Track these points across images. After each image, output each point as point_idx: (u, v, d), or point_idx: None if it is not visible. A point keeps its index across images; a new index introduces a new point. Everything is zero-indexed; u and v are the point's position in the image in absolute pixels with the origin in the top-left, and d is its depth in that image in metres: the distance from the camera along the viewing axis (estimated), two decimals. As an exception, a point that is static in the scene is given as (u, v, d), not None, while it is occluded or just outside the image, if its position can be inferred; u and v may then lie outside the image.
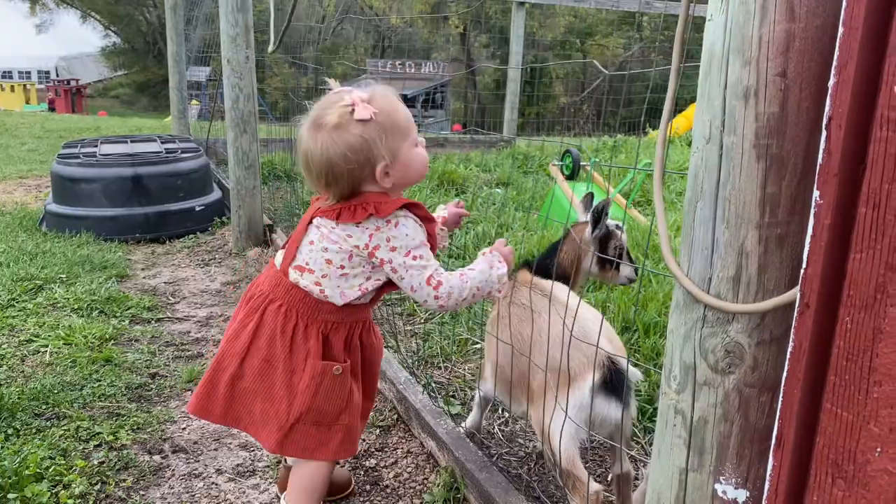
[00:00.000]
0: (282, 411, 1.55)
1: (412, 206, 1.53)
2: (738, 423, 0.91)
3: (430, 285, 1.51)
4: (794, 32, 0.81)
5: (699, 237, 0.91)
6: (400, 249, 1.49)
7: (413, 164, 1.53)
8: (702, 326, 0.92)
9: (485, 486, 1.78)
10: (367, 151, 1.45)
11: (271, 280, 1.60)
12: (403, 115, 1.51)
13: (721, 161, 0.87)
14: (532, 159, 6.45)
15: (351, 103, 1.45)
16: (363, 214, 1.47)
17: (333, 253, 1.52)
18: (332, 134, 1.45)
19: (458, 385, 2.60)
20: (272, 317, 1.56)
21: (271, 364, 1.56)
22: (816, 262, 0.73)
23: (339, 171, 1.46)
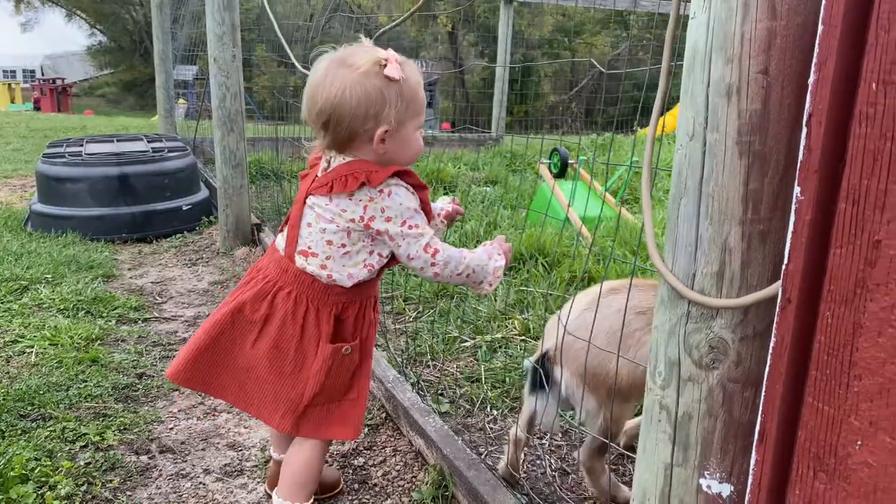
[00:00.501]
0: (295, 396, 1.57)
1: (404, 174, 1.52)
2: (722, 418, 0.92)
3: (427, 252, 1.51)
4: (775, 30, 0.82)
5: (683, 233, 0.92)
6: (395, 219, 1.48)
7: (410, 144, 1.52)
8: (686, 322, 0.92)
9: (473, 483, 1.78)
10: (379, 108, 1.43)
11: (277, 266, 1.60)
12: (422, 95, 1.51)
13: (704, 158, 0.88)
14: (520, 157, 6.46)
15: (386, 58, 1.44)
16: (355, 184, 1.45)
17: (332, 233, 1.51)
18: (356, 76, 1.42)
19: (447, 383, 2.61)
20: (282, 303, 1.57)
21: (281, 349, 1.57)
22: (798, 258, 0.74)
23: (344, 115, 1.44)
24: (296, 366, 1.57)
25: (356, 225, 1.50)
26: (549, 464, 2.18)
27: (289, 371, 1.57)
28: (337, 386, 1.60)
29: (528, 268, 3.52)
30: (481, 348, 2.85)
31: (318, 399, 1.59)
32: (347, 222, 1.50)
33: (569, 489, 2.08)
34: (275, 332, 1.56)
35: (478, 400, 2.50)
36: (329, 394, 1.60)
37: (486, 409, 2.46)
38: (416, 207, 1.51)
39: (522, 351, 2.80)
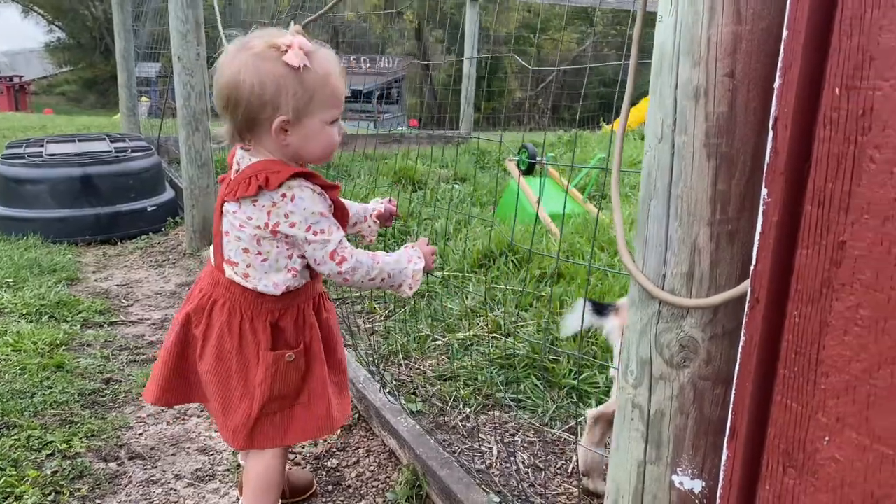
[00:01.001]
0: (243, 409, 1.54)
1: (307, 176, 1.45)
2: (694, 416, 0.93)
3: (333, 260, 1.46)
4: (740, 34, 0.83)
5: (653, 234, 0.93)
6: (299, 224, 1.43)
7: (316, 140, 1.45)
8: (657, 322, 0.93)
9: (446, 482, 1.79)
10: (274, 96, 1.38)
11: (210, 278, 1.57)
12: (334, 88, 1.44)
13: (673, 160, 0.89)
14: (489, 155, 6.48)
15: (288, 44, 1.39)
16: (255, 187, 1.40)
17: (246, 241, 1.47)
18: (252, 60, 1.38)
19: (419, 382, 2.61)
20: (217, 316, 1.54)
21: (224, 362, 1.54)
22: (765, 259, 0.75)
23: (240, 99, 1.39)
24: (240, 378, 1.54)
25: (263, 232, 1.44)
26: (522, 460, 2.20)
27: (234, 384, 1.54)
28: (286, 393, 1.56)
29: (499, 265, 3.53)
30: (453, 346, 2.86)
31: (268, 409, 1.55)
32: (255, 229, 1.45)
33: (542, 485, 2.09)
34: (215, 345, 1.53)
35: (450, 398, 2.51)
36: (279, 402, 1.56)
37: (459, 407, 2.47)
38: (322, 211, 1.44)
39: (493, 348, 2.81)
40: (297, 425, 1.59)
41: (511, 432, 2.36)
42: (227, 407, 1.56)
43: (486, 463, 2.16)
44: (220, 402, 1.56)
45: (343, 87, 1.47)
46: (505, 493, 1.95)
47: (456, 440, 2.24)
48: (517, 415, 2.45)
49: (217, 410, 1.58)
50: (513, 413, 2.45)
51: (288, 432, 1.59)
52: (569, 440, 2.32)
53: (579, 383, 2.54)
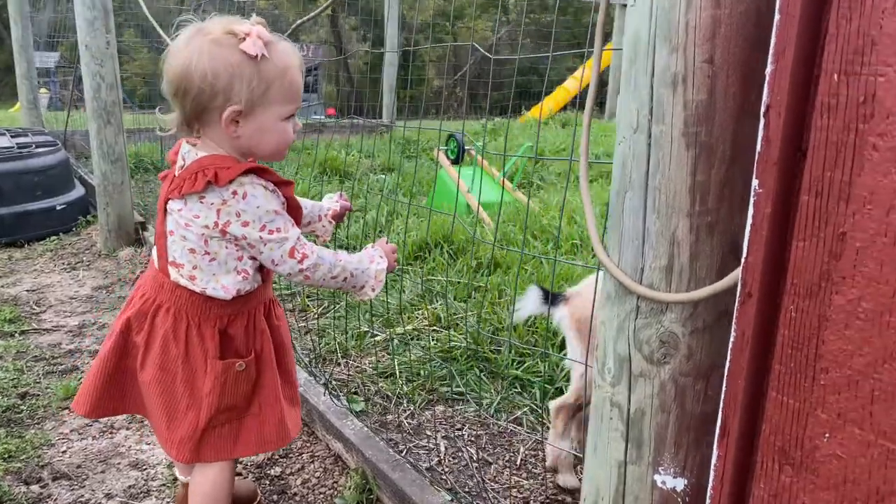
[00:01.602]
0: (190, 420, 1.45)
1: (260, 172, 1.37)
2: (675, 413, 0.91)
3: (294, 258, 1.39)
4: (719, 18, 0.80)
5: (629, 228, 0.89)
6: (253, 224, 1.34)
7: (270, 134, 1.38)
8: (635, 318, 0.90)
9: (399, 485, 1.73)
10: (227, 85, 1.30)
11: (153, 282, 1.46)
12: (291, 82, 1.36)
13: (650, 150, 0.86)
14: (414, 144, 6.41)
15: (247, 32, 1.31)
16: (202, 183, 1.31)
17: (192, 241, 1.38)
18: (207, 45, 1.30)
19: (359, 381, 2.54)
20: (161, 322, 1.44)
21: (168, 371, 1.44)
22: (758, 252, 0.72)
23: (191, 85, 1.31)
24: (186, 388, 1.44)
25: (212, 231, 1.35)
26: (470, 455, 2.17)
27: (180, 394, 1.45)
28: (236, 404, 1.47)
29: (434, 256, 3.48)
30: (393, 342, 2.80)
31: (215, 421, 1.46)
32: (202, 229, 1.35)
33: (492, 479, 2.07)
34: (158, 354, 1.43)
35: (394, 396, 2.45)
36: (228, 413, 1.47)
37: (403, 403, 2.42)
38: (276, 209, 1.36)
39: (434, 341, 2.77)
40: (248, 437, 1.50)
41: (457, 427, 2.32)
42: (172, 418, 1.45)
43: (434, 460, 2.12)
44: (164, 413, 1.46)
45: (301, 82, 1.39)
46: (457, 491, 1.91)
47: (402, 438, 2.18)
48: (462, 408, 2.41)
49: (160, 422, 1.47)
50: (457, 407, 2.42)
51: (237, 444, 1.50)
52: (515, 431, 2.30)
53: (522, 373, 2.52)
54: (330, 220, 1.76)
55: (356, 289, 1.52)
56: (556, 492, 2.02)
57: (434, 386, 2.51)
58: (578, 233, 3.61)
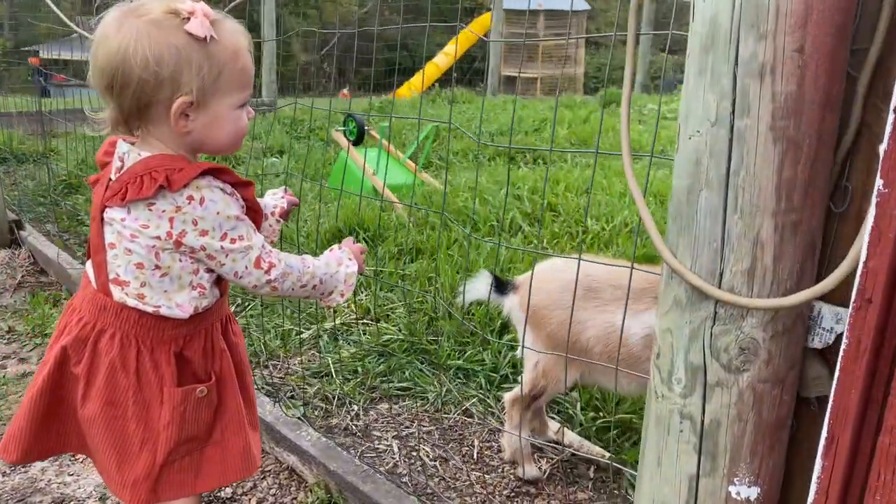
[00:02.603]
0: (145, 458, 1.26)
1: (217, 172, 1.20)
2: (753, 421, 0.86)
3: (260, 268, 1.24)
4: (811, 4, 0.75)
5: (705, 229, 0.83)
6: (213, 232, 1.18)
7: (224, 126, 1.22)
8: (712, 325, 0.85)
9: (373, 497, 1.63)
10: (175, 72, 1.13)
11: (92, 303, 1.26)
12: (244, 65, 1.21)
13: (732, 146, 0.80)
14: (301, 124, 6.15)
15: (190, 11, 1.13)
16: (152, 187, 1.13)
17: (139, 255, 1.19)
18: (146, 28, 1.12)
19: (294, 384, 2.38)
20: (106, 350, 1.24)
21: (117, 405, 1.25)
22: (883, 255, 0.68)
23: (130, 77, 1.12)
24: (139, 422, 1.26)
25: (164, 243, 1.18)
26: (426, 453, 2.09)
27: (132, 431, 1.26)
28: (196, 434, 1.31)
29: (350, 244, 3.34)
30: (322, 338, 2.65)
31: (174, 455, 1.29)
32: (152, 240, 1.18)
33: (452, 477, 2.00)
34: (103, 387, 1.24)
35: (334, 397, 2.32)
36: (188, 445, 1.30)
37: (346, 405, 2.29)
38: (237, 214, 1.21)
39: (366, 335, 2.65)
40: (210, 469, 1.33)
41: (406, 424, 2.23)
42: (124, 459, 1.27)
43: (389, 463, 2.02)
44: (114, 453, 1.26)
45: (251, 67, 1.23)
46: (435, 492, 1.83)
47: (352, 443, 2.07)
48: (408, 404, 2.32)
49: (108, 464, 1.28)
50: (403, 403, 2.32)
51: (199, 478, 1.33)
52: (467, 423, 2.24)
53: (464, 362, 2.46)
54: (277, 218, 1.59)
55: (324, 296, 1.38)
56: (519, 484, 1.98)
57: (374, 383, 2.40)
58: (494, 214, 3.57)
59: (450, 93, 8.54)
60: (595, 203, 3.77)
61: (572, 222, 3.46)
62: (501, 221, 3.43)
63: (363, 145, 4.32)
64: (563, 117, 6.97)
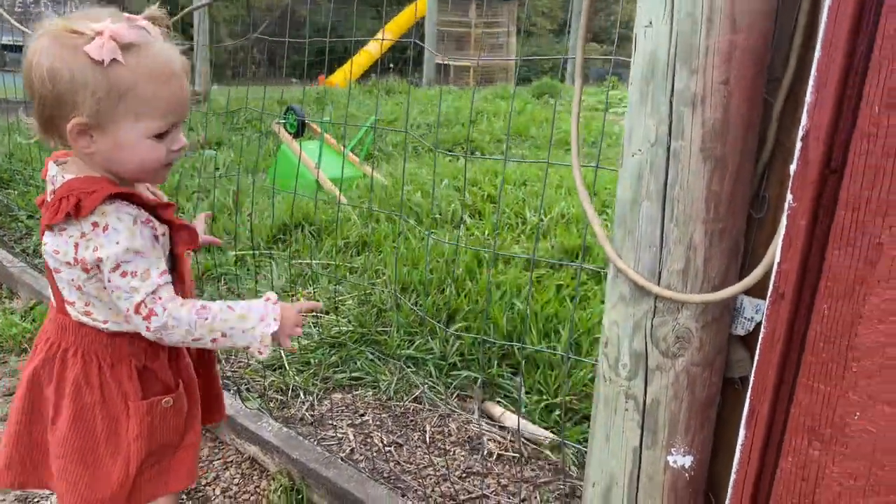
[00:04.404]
0: (118, 471, 1.30)
1: (129, 197, 1.18)
2: (687, 399, 1.00)
3: (139, 313, 1.18)
4: (736, 43, 0.88)
5: (646, 234, 0.96)
6: (107, 261, 1.15)
7: (132, 153, 1.17)
8: (653, 317, 0.98)
9: (337, 482, 1.72)
10: (67, 92, 1.11)
11: (54, 324, 1.29)
12: (160, 94, 1.16)
13: (668, 163, 0.92)
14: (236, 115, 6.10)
15: (97, 32, 1.11)
16: (62, 214, 1.13)
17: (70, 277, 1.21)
18: (50, 43, 1.11)
19: (249, 377, 2.45)
20: (70, 368, 1.26)
21: (84, 421, 1.28)
22: (793, 258, 0.82)
23: (33, 90, 1.14)
24: (108, 437, 1.29)
25: (74, 271, 1.19)
26: (381, 439, 2.19)
27: (102, 447, 1.29)
28: (167, 441, 1.34)
29: (296, 238, 3.39)
30: (273, 331, 2.71)
31: (146, 464, 1.32)
32: (65, 266, 1.19)
33: (406, 461, 2.11)
34: (70, 404, 1.26)
35: (288, 389, 2.39)
36: (159, 454, 1.34)
37: (301, 396, 2.37)
38: (138, 248, 1.17)
39: (317, 328, 2.72)
40: (181, 469, 1.38)
41: (360, 413, 2.32)
42: (96, 476, 1.30)
43: (346, 450, 2.12)
44: (86, 470, 1.29)
45: (179, 97, 1.19)
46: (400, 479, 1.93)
47: (308, 432, 2.15)
48: (360, 393, 2.42)
49: (78, 483, 1.30)
50: (356, 392, 2.42)
51: (170, 479, 1.37)
52: (418, 409, 2.35)
53: (414, 351, 2.56)
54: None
55: (237, 347, 1.30)
56: (470, 465, 2.10)
57: (328, 374, 2.48)
58: (436, 206, 3.68)
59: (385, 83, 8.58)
60: (532, 194, 3.92)
61: (512, 214, 3.60)
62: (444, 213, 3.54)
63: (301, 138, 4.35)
64: (497, 108, 7.11)
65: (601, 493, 1.09)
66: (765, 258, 0.91)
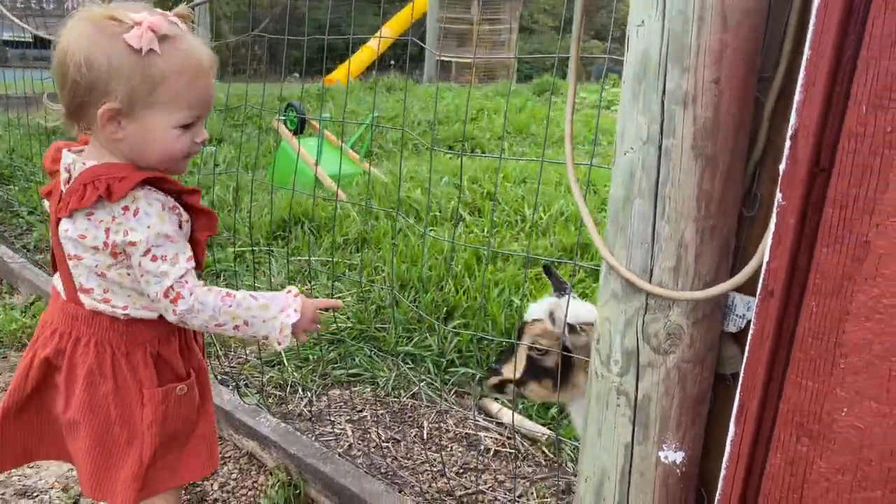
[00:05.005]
0: (132, 460, 1.31)
1: (157, 182, 1.22)
2: (678, 395, 1.01)
3: (167, 297, 1.21)
4: (726, 42, 0.88)
5: (638, 231, 0.97)
6: (139, 245, 1.18)
7: (157, 142, 1.21)
8: (644, 313, 0.99)
9: (333, 477, 1.73)
10: (103, 79, 1.15)
11: (64, 314, 1.30)
12: (190, 87, 1.19)
13: (660, 161, 0.93)
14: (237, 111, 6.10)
15: (138, 21, 1.14)
16: (93, 197, 1.16)
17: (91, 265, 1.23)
18: (90, 30, 1.15)
19: (248, 373, 2.46)
20: (82, 358, 1.28)
21: (98, 412, 1.29)
22: (782, 256, 0.83)
23: (66, 76, 1.16)
24: (123, 426, 1.30)
25: (102, 255, 1.21)
26: (378, 435, 2.20)
27: (117, 435, 1.31)
28: (180, 431, 1.36)
29: (296, 234, 3.40)
30: (272, 328, 2.72)
31: (160, 453, 1.34)
32: (91, 251, 1.21)
33: (404, 457, 2.12)
34: (83, 394, 1.28)
35: (286, 385, 2.40)
36: (171, 443, 1.36)
37: (299, 392, 2.38)
38: (168, 233, 1.21)
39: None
40: (193, 462, 1.39)
41: (358, 409, 2.34)
42: (111, 463, 1.31)
43: (344, 445, 2.13)
44: (101, 457, 1.31)
45: (207, 91, 1.23)
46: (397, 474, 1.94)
47: (306, 427, 2.16)
48: (359, 389, 2.43)
49: (94, 468, 1.32)
50: (354, 388, 2.43)
51: (181, 471, 1.38)
52: (416, 406, 2.36)
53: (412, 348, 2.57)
54: None
55: (257, 337, 1.32)
56: (467, 461, 2.11)
57: (326, 370, 2.49)
58: (436, 204, 3.69)
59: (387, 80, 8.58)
60: (532, 192, 3.92)
61: (511, 211, 3.61)
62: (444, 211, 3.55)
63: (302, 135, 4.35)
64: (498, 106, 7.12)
65: (593, 488, 1.10)
66: (755, 256, 0.92)
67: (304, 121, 4.34)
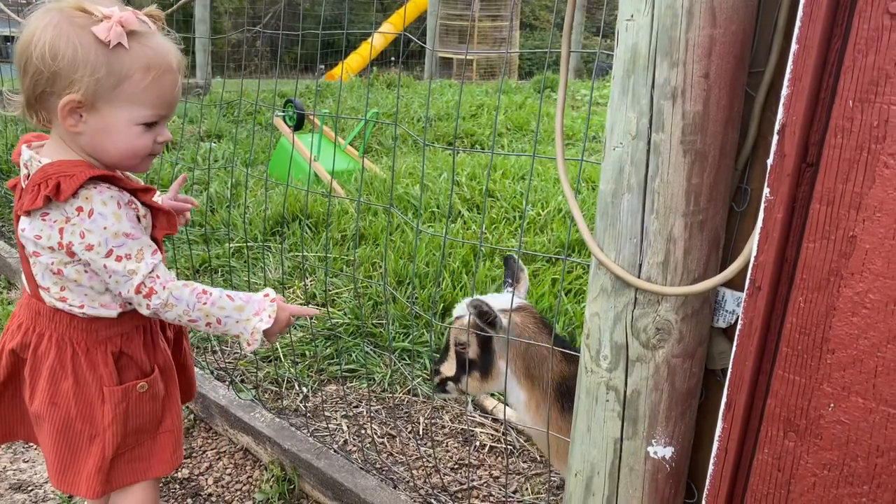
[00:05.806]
0: (94, 454, 1.31)
1: (110, 180, 1.19)
2: (667, 391, 1.01)
3: (140, 294, 1.21)
4: (715, 37, 0.88)
5: (627, 227, 0.96)
6: (98, 248, 1.17)
7: (116, 138, 1.19)
8: (633, 309, 0.98)
9: (327, 472, 1.74)
10: (67, 69, 1.12)
11: (29, 309, 1.30)
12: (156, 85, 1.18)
13: (649, 156, 0.93)
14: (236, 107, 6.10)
15: (107, 15, 1.13)
16: (42, 199, 1.14)
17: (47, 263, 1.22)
18: (58, 19, 1.13)
19: (244, 368, 2.46)
20: (45, 353, 1.28)
21: (60, 406, 1.29)
22: (769, 251, 0.83)
23: (29, 64, 1.14)
24: (84, 422, 1.30)
25: (57, 255, 1.19)
26: (374, 431, 2.20)
27: (79, 430, 1.31)
28: (144, 426, 1.36)
29: (294, 230, 3.40)
30: (269, 323, 2.72)
31: (124, 447, 1.34)
32: (47, 251, 1.19)
33: (399, 452, 2.12)
34: (46, 388, 1.28)
35: (283, 380, 2.41)
36: (137, 436, 1.35)
37: (295, 387, 2.38)
38: (127, 231, 1.19)
39: (313, 321, 2.73)
40: (163, 455, 1.39)
41: (354, 404, 2.34)
42: (74, 456, 1.32)
43: (340, 441, 2.13)
44: (64, 450, 1.32)
45: (172, 91, 1.22)
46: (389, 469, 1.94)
47: (302, 423, 2.16)
48: (355, 385, 2.43)
49: (59, 460, 1.32)
50: (350, 384, 2.43)
51: (152, 463, 1.39)
52: (413, 401, 2.36)
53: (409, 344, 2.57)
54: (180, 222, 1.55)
55: (229, 335, 1.33)
56: (463, 457, 2.11)
57: (323, 366, 2.49)
58: (434, 200, 3.68)
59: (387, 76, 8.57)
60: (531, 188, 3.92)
61: (509, 208, 3.61)
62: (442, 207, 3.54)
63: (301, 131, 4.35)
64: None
65: (583, 484, 1.10)
66: (743, 251, 0.92)
67: (302, 117, 4.34)
